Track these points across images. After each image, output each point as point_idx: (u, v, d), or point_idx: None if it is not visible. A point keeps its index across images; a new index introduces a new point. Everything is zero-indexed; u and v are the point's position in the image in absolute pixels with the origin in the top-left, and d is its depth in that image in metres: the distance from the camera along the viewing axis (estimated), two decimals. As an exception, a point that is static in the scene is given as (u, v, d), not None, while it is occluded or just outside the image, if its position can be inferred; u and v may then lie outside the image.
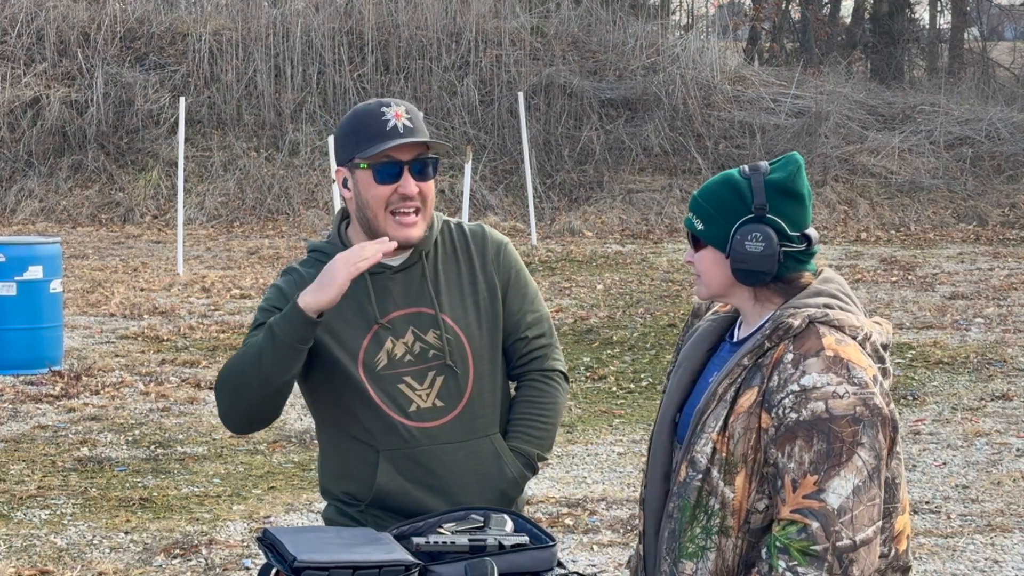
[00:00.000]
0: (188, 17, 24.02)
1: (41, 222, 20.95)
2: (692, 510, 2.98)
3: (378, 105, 3.57)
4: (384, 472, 3.55)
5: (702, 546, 2.97)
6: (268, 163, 22.09)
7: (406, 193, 3.53)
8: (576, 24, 24.56)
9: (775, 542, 2.89)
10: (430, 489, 3.56)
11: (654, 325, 13.26)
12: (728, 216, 3.03)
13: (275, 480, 8.27)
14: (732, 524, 2.96)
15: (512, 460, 3.64)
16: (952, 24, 33.01)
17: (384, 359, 3.55)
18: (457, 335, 3.59)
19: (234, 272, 16.70)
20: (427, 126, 3.62)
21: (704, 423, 2.99)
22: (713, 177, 3.12)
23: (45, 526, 7.37)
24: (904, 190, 21.98)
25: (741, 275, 3.03)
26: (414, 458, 3.56)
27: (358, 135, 3.55)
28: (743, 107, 23.33)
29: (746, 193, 3.03)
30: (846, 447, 2.89)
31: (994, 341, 12.51)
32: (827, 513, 2.86)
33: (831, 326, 2.97)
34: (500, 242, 3.73)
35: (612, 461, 8.75)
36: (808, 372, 2.91)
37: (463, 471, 3.58)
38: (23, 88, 22.46)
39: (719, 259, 3.06)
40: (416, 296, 3.59)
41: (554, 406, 3.72)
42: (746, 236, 2.99)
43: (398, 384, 3.55)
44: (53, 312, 11.25)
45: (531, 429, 3.69)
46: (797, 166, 3.06)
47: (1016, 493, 8.06)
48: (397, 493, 3.56)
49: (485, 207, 21.21)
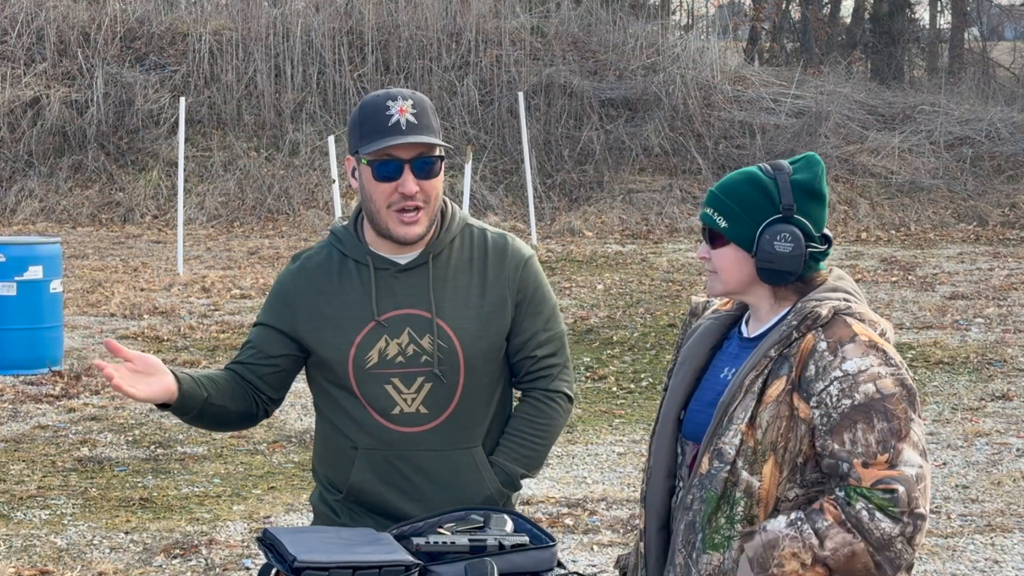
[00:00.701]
0: (188, 17, 24.02)
1: (41, 222, 20.95)
2: (717, 501, 2.99)
3: (385, 97, 3.49)
4: (359, 470, 3.54)
5: (729, 536, 2.98)
6: (268, 163, 22.09)
7: (406, 192, 3.47)
8: (576, 24, 24.56)
9: (856, 489, 2.91)
10: (403, 493, 3.54)
11: (654, 325, 13.25)
12: (755, 215, 3.04)
13: (275, 480, 8.27)
14: (758, 513, 2.97)
15: (491, 476, 3.57)
16: (952, 24, 33.01)
17: (375, 357, 3.51)
18: (452, 344, 3.52)
19: (234, 272, 16.70)
20: (435, 119, 3.54)
21: (731, 415, 2.99)
22: (732, 174, 3.11)
23: (45, 526, 7.37)
24: (904, 190, 21.98)
25: (767, 275, 3.04)
26: (390, 461, 3.53)
27: (362, 128, 3.50)
28: (743, 107, 23.32)
29: (773, 193, 3.04)
30: (903, 423, 2.94)
31: (994, 341, 12.51)
32: (907, 479, 2.90)
33: (855, 317, 3.01)
34: (522, 257, 3.63)
35: (612, 461, 8.75)
36: (848, 358, 2.95)
37: (438, 480, 3.54)
38: (23, 88, 22.46)
39: (741, 257, 3.06)
40: (417, 297, 3.54)
41: (549, 427, 3.64)
42: (775, 236, 3.01)
43: (384, 385, 3.51)
44: (53, 312, 11.25)
45: (519, 446, 3.61)
46: (821, 168, 3.09)
47: (1016, 493, 8.06)
48: (370, 492, 3.54)
49: (485, 207, 21.21)
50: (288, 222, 20.99)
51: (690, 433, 3.13)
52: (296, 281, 3.59)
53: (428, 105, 3.51)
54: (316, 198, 21.46)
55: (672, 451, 3.16)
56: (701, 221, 3.12)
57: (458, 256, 3.59)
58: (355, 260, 3.57)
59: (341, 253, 3.59)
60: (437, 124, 3.53)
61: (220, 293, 15.12)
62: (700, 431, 3.09)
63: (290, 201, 21.48)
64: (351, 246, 3.58)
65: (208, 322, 13.37)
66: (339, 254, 3.59)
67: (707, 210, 3.10)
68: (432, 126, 3.50)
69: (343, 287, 3.54)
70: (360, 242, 3.57)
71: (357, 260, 3.56)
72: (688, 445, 3.13)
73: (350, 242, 3.58)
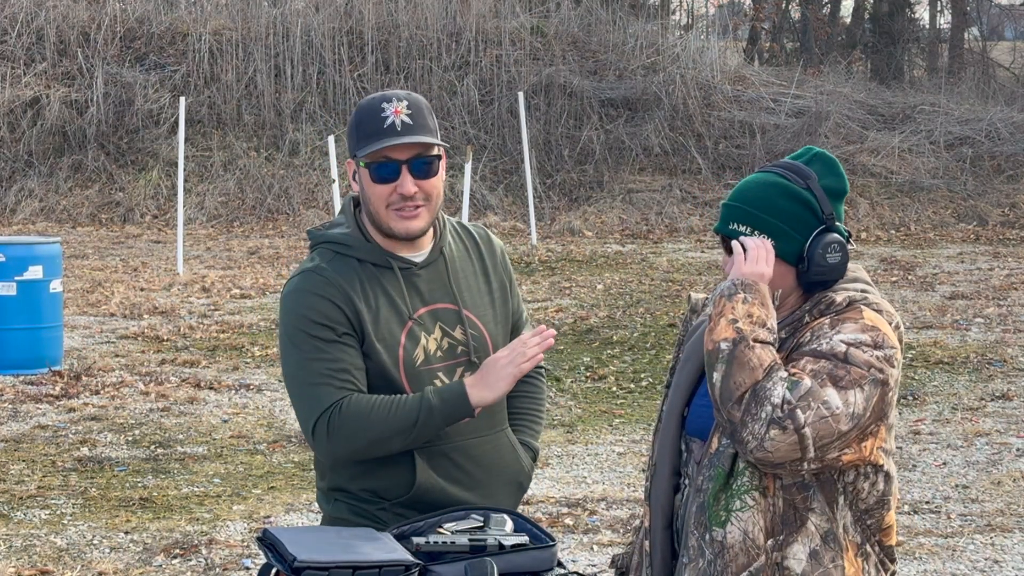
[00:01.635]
0: (188, 17, 24.01)
1: (41, 222, 20.95)
2: (726, 478, 3.00)
3: (380, 100, 3.52)
4: (423, 470, 3.54)
5: (730, 509, 2.99)
6: (268, 163, 22.09)
7: (404, 193, 3.49)
8: (576, 24, 24.56)
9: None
10: (460, 484, 3.58)
11: (654, 325, 13.25)
12: (801, 230, 3.04)
13: (275, 480, 8.27)
14: (767, 483, 2.98)
15: (523, 453, 3.72)
16: (952, 24, 33.01)
17: (421, 355, 3.55)
18: (481, 331, 3.62)
19: (234, 272, 16.70)
20: (432, 118, 3.56)
21: None
22: (753, 185, 3.08)
23: (45, 526, 7.37)
24: (904, 190, 21.98)
25: (815, 286, 3.05)
26: (445, 454, 3.57)
27: (359, 130, 3.53)
28: (743, 107, 23.33)
29: (815, 204, 3.04)
30: (849, 378, 2.93)
31: (994, 341, 12.51)
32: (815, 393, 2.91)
33: (870, 308, 3.04)
34: (501, 245, 3.80)
35: (612, 461, 8.75)
36: (842, 332, 2.98)
37: (488, 464, 3.62)
38: (23, 88, 22.45)
39: (785, 271, 3.07)
40: (440, 292, 3.60)
41: (544, 402, 3.86)
42: (827, 249, 3.02)
43: (433, 380, 3.55)
44: (53, 312, 11.25)
45: (532, 423, 3.79)
46: (839, 165, 3.12)
47: (1016, 493, 8.06)
48: (434, 490, 3.56)
49: (485, 207, 21.21)
50: (288, 222, 20.98)
51: (695, 430, 3.13)
52: (337, 291, 3.51)
53: (424, 105, 3.54)
54: (316, 198, 21.46)
55: (676, 448, 3.17)
56: (730, 236, 3.08)
57: (458, 249, 3.68)
58: (373, 263, 3.57)
59: (356, 260, 3.57)
60: (434, 123, 3.55)
61: (220, 293, 15.12)
62: (705, 427, 3.09)
63: (290, 201, 21.48)
64: (365, 250, 3.57)
65: (208, 322, 13.36)
66: (355, 262, 3.57)
67: (739, 227, 3.07)
68: (428, 125, 3.52)
69: (374, 291, 3.54)
70: (372, 244, 3.58)
71: (375, 263, 3.57)
72: (695, 442, 3.13)
73: (362, 246, 3.58)
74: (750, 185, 3.09)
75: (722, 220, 3.10)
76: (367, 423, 3.42)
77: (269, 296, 14.93)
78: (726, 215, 3.08)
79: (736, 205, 3.08)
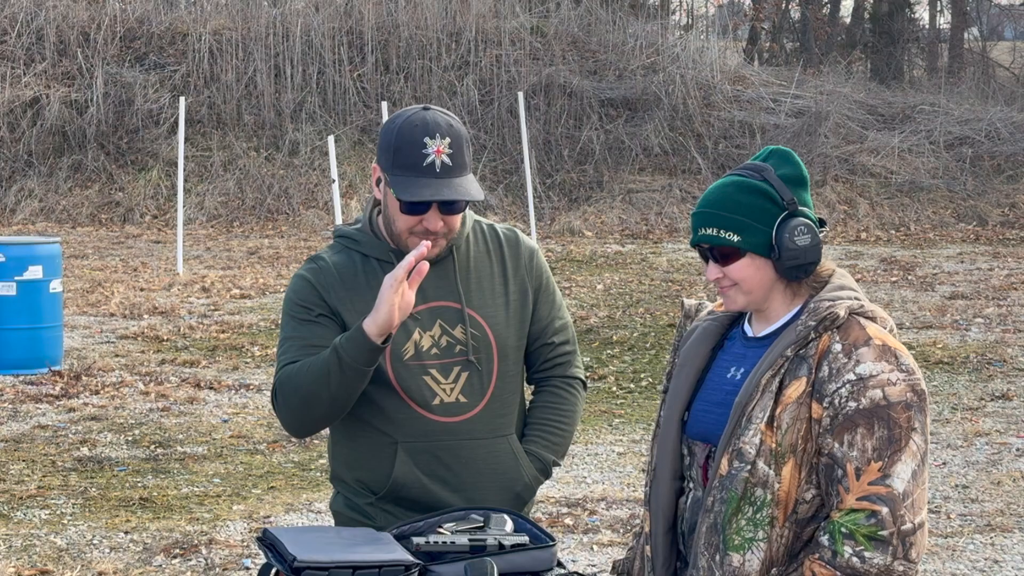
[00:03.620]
0: (188, 17, 24.02)
1: (41, 222, 20.95)
2: (738, 502, 3.00)
3: (423, 132, 3.47)
4: (402, 463, 3.55)
5: (750, 538, 2.99)
6: (268, 163, 22.09)
7: (431, 228, 3.50)
8: (576, 24, 24.56)
9: (839, 528, 2.93)
10: (446, 484, 3.57)
11: (654, 325, 13.26)
12: (765, 220, 3.05)
13: (275, 480, 8.27)
14: (778, 515, 2.99)
15: (528, 463, 3.65)
16: (952, 24, 33.01)
17: (411, 349, 3.55)
18: (485, 331, 3.60)
19: (234, 272, 16.70)
20: (469, 151, 3.54)
21: (749, 415, 3.00)
22: (715, 189, 3.10)
23: (45, 526, 7.37)
24: (904, 190, 21.98)
25: (792, 271, 3.05)
26: (433, 452, 3.56)
27: (396, 156, 3.48)
28: (743, 107, 23.33)
29: (773, 193, 3.06)
30: (903, 432, 2.95)
31: (994, 341, 12.51)
32: (894, 498, 2.92)
33: (867, 317, 3.04)
34: (532, 248, 3.74)
35: (612, 461, 8.75)
36: (862, 361, 2.97)
37: (480, 469, 3.59)
38: (23, 88, 22.46)
39: (760, 264, 3.07)
40: (445, 290, 3.59)
41: (573, 414, 3.75)
42: (793, 232, 3.03)
43: (423, 376, 3.55)
44: (53, 312, 11.25)
45: (549, 435, 3.71)
46: (795, 156, 3.13)
47: (1016, 493, 8.07)
48: (413, 485, 3.56)
49: (485, 207, 21.21)
50: (288, 222, 20.99)
51: (696, 433, 3.13)
52: (324, 277, 3.58)
53: (463, 139, 3.52)
54: (316, 198, 21.46)
55: (677, 453, 3.17)
56: (702, 243, 3.10)
57: (475, 249, 3.66)
58: (377, 259, 3.59)
59: (361, 254, 3.60)
60: (470, 158, 3.54)
61: (220, 293, 15.12)
62: (707, 431, 3.09)
63: (290, 201, 21.49)
64: (372, 246, 3.60)
65: (208, 322, 13.37)
66: (360, 256, 3.60)
67: (707, 231, 3.08)
68: (466, 164, 3.51)
69: (370, 284, 3.55)
70: (380, 241, 3.60)
71: (380, 259, 3.59)
72: (697, 445, 3.13)
73: (369, 242, 3.60)
74: (712, 190, 3.13)
75: (693, 231, 3.13)
76: (297, 381, 3.48)
77: (269, 296, 14.93)
78: (695, 223, 3.12)
79: (701, 211, 3.11)
